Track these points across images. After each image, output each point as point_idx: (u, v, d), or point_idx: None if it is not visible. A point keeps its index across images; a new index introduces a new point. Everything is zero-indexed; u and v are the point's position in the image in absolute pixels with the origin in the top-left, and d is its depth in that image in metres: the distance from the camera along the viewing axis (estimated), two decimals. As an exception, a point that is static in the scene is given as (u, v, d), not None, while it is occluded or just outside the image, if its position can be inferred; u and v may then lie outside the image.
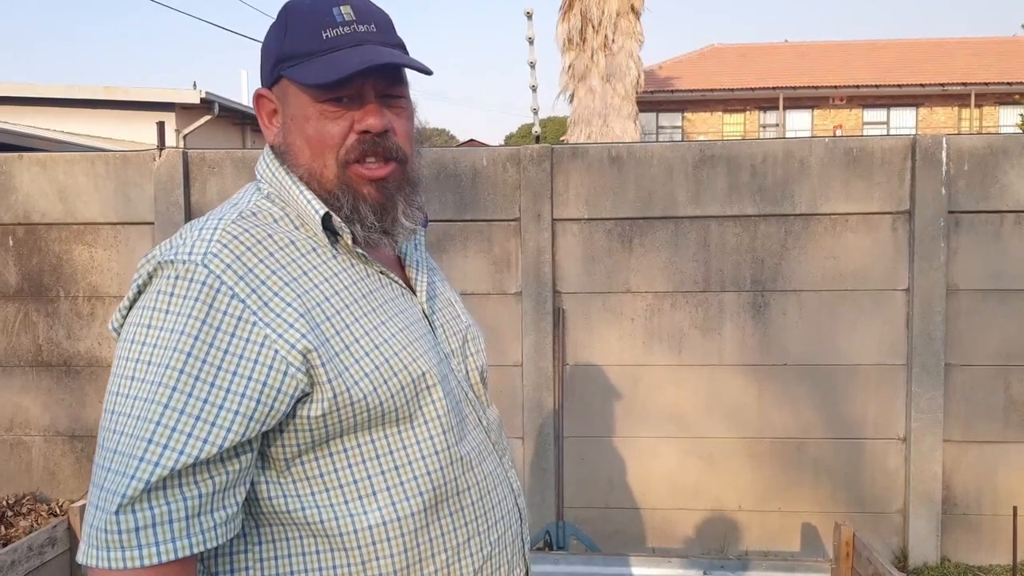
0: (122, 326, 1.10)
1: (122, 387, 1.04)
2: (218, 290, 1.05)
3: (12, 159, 4.28)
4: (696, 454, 4.10)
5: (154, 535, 1.00)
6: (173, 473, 1.00)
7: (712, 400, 4.08)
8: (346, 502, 1.12)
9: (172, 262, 1.07)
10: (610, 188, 4.04)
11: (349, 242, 1.18)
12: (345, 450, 1.12)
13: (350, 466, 1.12)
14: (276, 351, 1.06)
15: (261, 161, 1.25)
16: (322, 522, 1.11)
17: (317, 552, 1.12)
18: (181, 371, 1.02)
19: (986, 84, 21.07)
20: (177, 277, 1.06)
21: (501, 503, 1.28)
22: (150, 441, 1.00)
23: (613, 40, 12.62)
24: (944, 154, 3.90)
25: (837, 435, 4.04)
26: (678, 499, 4.12)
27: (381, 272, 1.22)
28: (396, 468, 1.14)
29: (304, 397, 1.08)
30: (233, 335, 1.05)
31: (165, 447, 1.00)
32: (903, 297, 3.96)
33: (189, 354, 1.03)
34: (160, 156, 4.18)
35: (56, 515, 4.12)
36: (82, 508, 3.60)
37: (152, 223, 4.17)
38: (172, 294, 1.05)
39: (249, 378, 1.05)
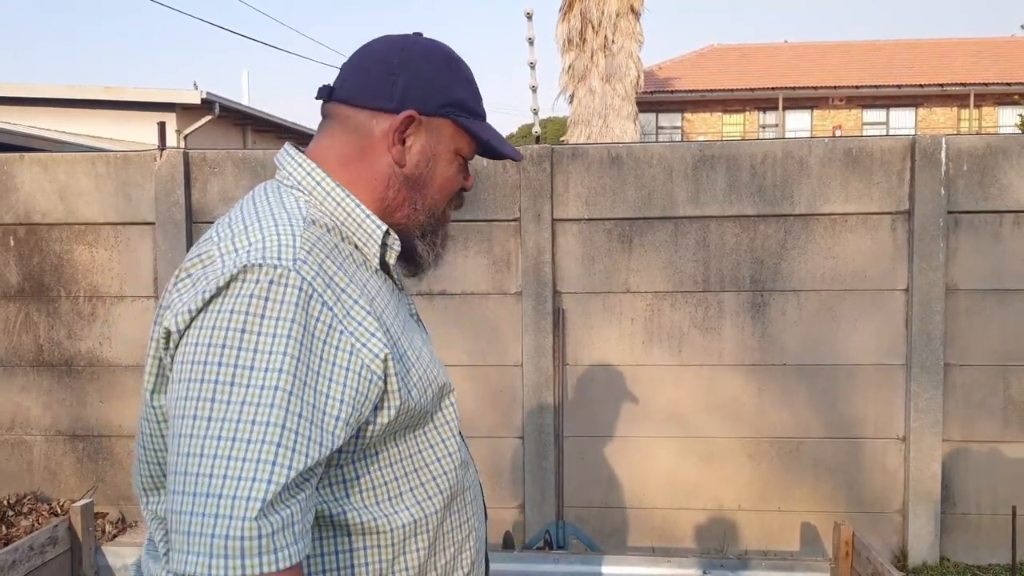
0: (188, 327, 1.06)
1: (223, 393, 1.02)
2: (311, 296, 1.07)
3: (13, 159, 4.29)
4: (696, 453, 4.11)
5: (284, 538, 1.01)
6: (298, 477, 1.02)
7: (712, 400, 4.09)
8: (377, 503, 1.17)
9: (261, 266, 1.06)
10: (610, 188, 4.05)
11: (393, 260, 1.26)
12: (377, 454, 1.18)
13: (380, 468, 1.18)
14: (362, 360, 1.10)
15: (304, 168, 1.26)
16: (362, 523, 1.15)
17: (351, 550, 1.16)
18: (294, 376, 1.03)
19: (985, 84, 21.09)
20: (271, 282, 1.05)
21: (479, 500, 1.38)
22: (279, 445, 1.00)
23: (613, 40, 12.63)
24: (943, 154, 3.91)
25: (836, 435, 4.05)
26: (678, 498, 4.13)
27: (400, 290, 1.32)
28: (417, 470, 1.22)
29: (378, 404, 1.13)
30: (326, 342, 1.07)
31: (294, 451, 1.01)
32: (902, 297, 3.96)
33: (298, 359, 1.04)
34: (161, 156, 4.19)
35: (57, 515, 4.13)
36: (83, 507, 3.61)
37: (153, 223, 4.18)
38: (268, 299, 1.05)
39: (345, 385, 1.08)
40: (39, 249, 4.28)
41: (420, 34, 1.32)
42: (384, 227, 1.23)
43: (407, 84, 1.25)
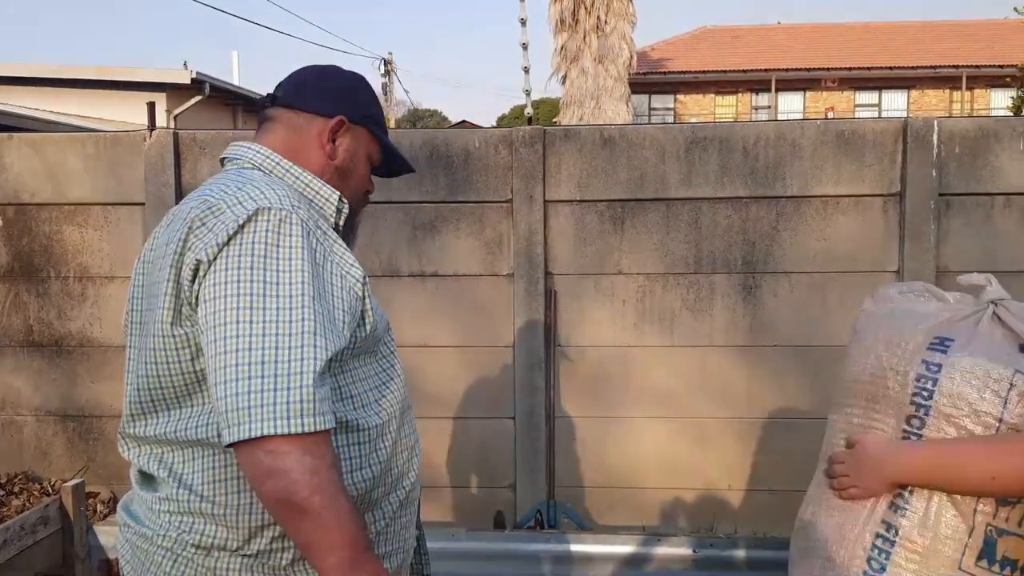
0: (217, 256, 1.30)
1: (256, 302, 1.27)
2: (309, 232, 1.36)
3: (2, 139, 4.25)
4: (686, 434, 4.13)
5: (325, 407, 1.27)
6: (328, 360, 1.29)
7: (703, 381, 4.10)
8: (354, 408, 1.45)
9: (270, 208, 1.34)
10: (602, 170, 4.04)
11: (342, 222, 1.56)
12: (351, 370, 1.45)
13: (355, 383, 1.46)
14: (349, 283, 1.41)
15: (261, 154, 1.55)
16: (347, 422, 1.42)
17: (339, 445, 1.41)
18: (313, 287, 1.31)
19: (977, 67, 21.09)
20: (280, 220, 1.33)
21: (415, 422, 1.66)
22: (315, 334, 1.27)
23: (606, 21, 12.58)
24: (936, 137, 3.91)
25: (827, 415, 4.06)
26: (668, 478, 4.15)
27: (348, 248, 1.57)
28: (379, 386, 1.51)
29: (360, 321, 1.43)
30: (324, 267, 1.37)
31: (325, 338, 1.29)
32: (894, 279, 3.98)
33: (312, 275, 1.32)
34: (151, 137, 4.16)
35: (48, 494, 4.13)
36: (74, 487, 3.61)
37: (143, 204, 4.16)
38: (280, 232, 1.32)
39: (343, 299, 1.38)
40: (28, 229, 4.25)
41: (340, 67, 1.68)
42: (337, 193, 1.54)
43: (338, 97, 1.60)
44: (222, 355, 1.25)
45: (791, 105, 21.95)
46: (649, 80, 21.11)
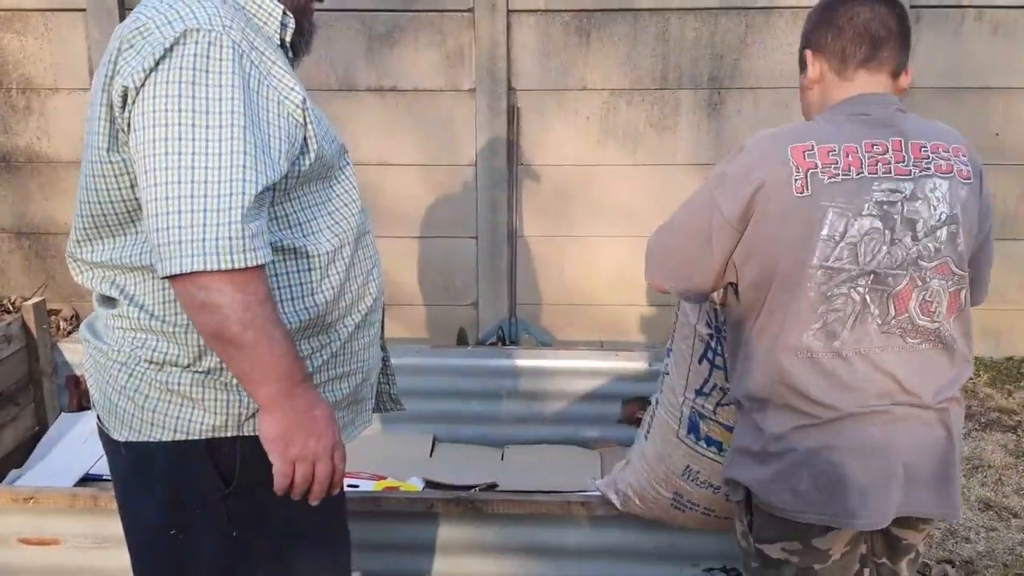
0: (144, 82, 1.24)
1: (188, 131, 1.22)
2: (242, 55, 1.28)
3: (-76, -64, 3.95)
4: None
5: (257, 242, 1.24)
6: (261, 192, 1.25)
7: (665, 199, 4.10)
8: (304, 235, 1.42)
9: (198, 30, 1.25)
10: (568, -23, 3.87)
11: (289, 37, 1.45)
12: (299, 197, 1.41)
13: (303, 209, 1.43)
14: (288, 109, 1.34)
15: None
16: (295, 248, 1.40)
17: (287, 272, 1.41)
18: (244, 115, 1.25)
19: None
20: (210, 43, 1.25)
21: (375, 245, 1.62)
22: (245, 166, 1.23)
23: None
24: (912, -55, 3.77)
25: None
26: (627, 295, 4.22)
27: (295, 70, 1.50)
28: (331, 213, 1.47)
29: (303, 149, 1.37)
30: (258, 93, 1.30)
31: (256, 171, 1.25)
32: (859, 96, 3.93)
33: (244, 103, 1.26)
34: (87, -65, 3.88)
35: (9, 312, 4.12)
36: (35, 305, 3.58)
37: (84, 9, 3.93)
38: (208, 56, 1.25)
39: (280, 127, 1.32)
40: (-37, 37, 4.03)
41: None
42: (281, 7, 1.42)
43: None
44: (152, 187, 1.22)
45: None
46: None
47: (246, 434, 1.41)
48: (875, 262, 1.50)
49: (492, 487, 2.86)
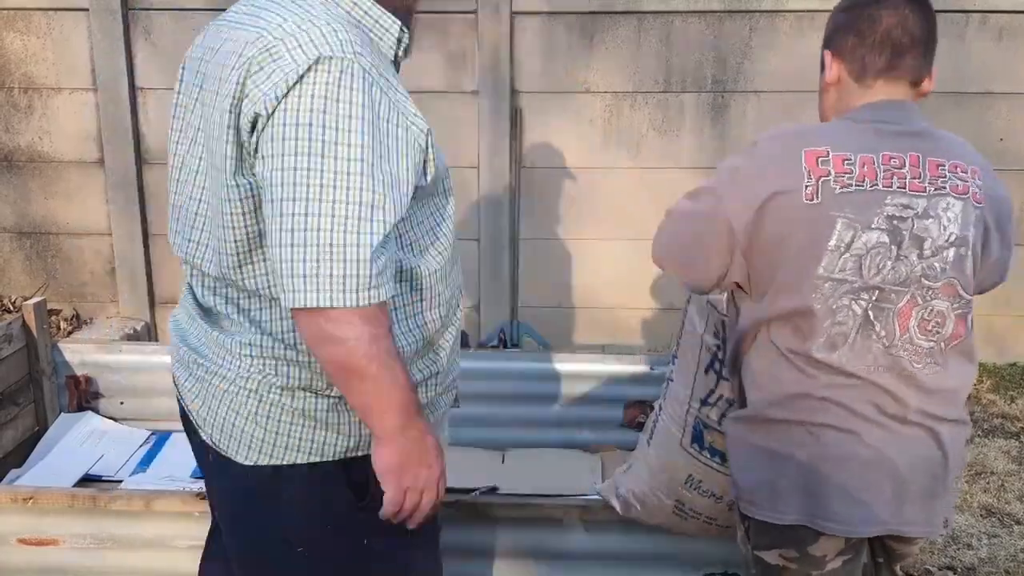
0: (276, 109, 1.24)
1: (315, 163, 1.22)
2: (372, 84, 1.27)
3: (-72, -65, 3.95)
4: (649, 255, 4.15)
5: (383, 279, 1.26)
6: (389, 231, 1.26)
7: (668, 202, 4.03)
8: (414, 255, 1.43)
9: (331, 57, 1.24)
10: (572, -21, 3.87)
11: (401, 52, 1.44)
12: (411, 216, 1.40)
13: (414, 228, 1.43)
14: (414, 136, 1.33)
15: None
16: (409, 269, 1.41)
17: (403, 292, 1.42)
18: (373, 150, 1.24)
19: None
20: (342, 72, 1.24)
21: None
22: (373, 205, 1.24)
23: None
24: (917, -51, 3.77)
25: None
26: (629, 298, 4.21)
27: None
28: (432, 229, 1.47)
29: (423, 171, 1.36)
30: (388, 121, 1.29)
31: (384, 209, 1.25)
32: (863, 100, 3.92)
33: (373, 136, 1.25)
34: (91, -65, 3.88)
35: (10, 311, 4.11)
36: (36, 305, 3.57)
37: (87, 9, 3.93)
38: (340, 85, 1.24)
39: (408, 157, 1.32)
40: (-34, 36, 4.02)
41: None
42: (399, 23, 1.40)
43: None
44: (279, 218, 1.23)
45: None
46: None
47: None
48: (879, 277, 1.48)
49: (493, 491, 2.86)
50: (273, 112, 1.24)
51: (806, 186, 1.47)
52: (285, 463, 1.43)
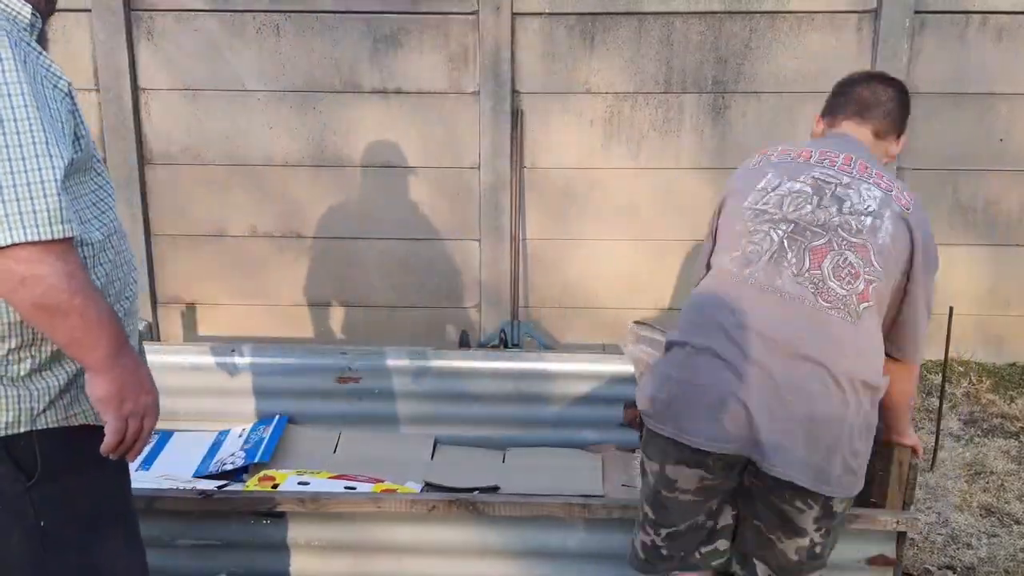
0: None
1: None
2: (15, 43, 1.31)
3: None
4: (650, 255, 4.17)
5: (70, 213, 1.30)
6: (65, 167, 1.30)
7: (668, 202, 4.10)
8: (79, 223, 1.42)
9: None
10: (572, -20, 3.87)
11: (35, 37, 1.46)
12: (70, 187, 1.42)
13: (74, 200, 1.43)
14: (62, 92, 1.38)
15: None
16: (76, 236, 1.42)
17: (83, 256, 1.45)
18: (33, 96, 1.29)
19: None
20: None
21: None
22: (47, 143, 1.28)
23: None
24: (917, -49, 3.78)
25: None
26: (630, 298, 4.21)
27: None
28: (96, 203, 1.50)
29: (76, 133, 1.41)
30: (34, 74, 1.33)
31: (59, 146, 1.31)
32: (863, 101, 3.93)
33: (31, 85, 1.30)
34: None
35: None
36: None
37: (89, 10, 3.91)
38: None
39: (58, 110, 1.36)
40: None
41: None
42: (29, 5, 1.43)
43: None
44: None
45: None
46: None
47: (40, 428, 1.42)
48: (797, 214, 1.75)
49: (493, 489, 2.87)
50: None
51: (753, 160, 1.92)
52: None
